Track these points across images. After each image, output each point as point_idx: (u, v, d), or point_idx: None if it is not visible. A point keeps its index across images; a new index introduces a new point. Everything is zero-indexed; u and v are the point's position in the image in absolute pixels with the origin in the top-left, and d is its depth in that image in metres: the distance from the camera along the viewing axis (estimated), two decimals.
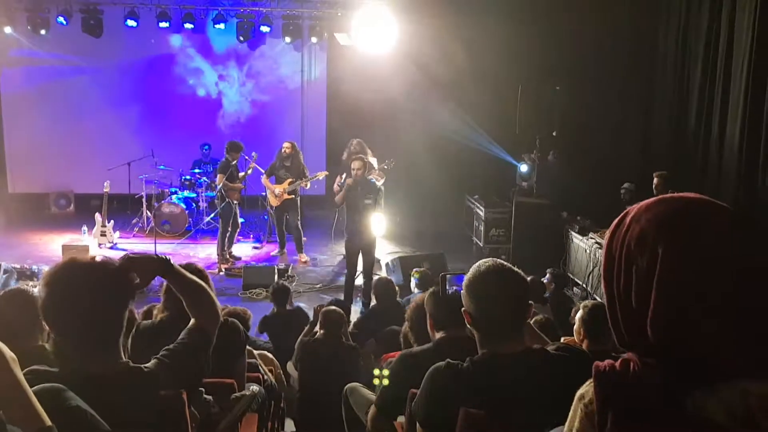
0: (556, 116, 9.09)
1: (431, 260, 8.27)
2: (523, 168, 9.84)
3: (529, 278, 2.42)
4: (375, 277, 7.32)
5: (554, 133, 9.25)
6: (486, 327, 2.16)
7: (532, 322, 4.02)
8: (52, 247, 9.76)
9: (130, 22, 10.53)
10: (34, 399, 1.46)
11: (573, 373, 2.17)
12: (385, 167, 9.33)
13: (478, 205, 10.21)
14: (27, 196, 11.96)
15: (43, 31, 10.62)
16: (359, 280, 7.89)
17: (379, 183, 9.41)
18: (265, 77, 12.29)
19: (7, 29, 10.72)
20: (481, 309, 2.14)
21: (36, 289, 3.64)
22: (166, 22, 10.56)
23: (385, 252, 9.87)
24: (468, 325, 2.21)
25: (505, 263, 2.24)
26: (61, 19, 10.39)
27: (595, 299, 7.22)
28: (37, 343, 3.02)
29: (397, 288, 6.11)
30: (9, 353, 1.40)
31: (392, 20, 10.06)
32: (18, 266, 8.45)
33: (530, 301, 2.24)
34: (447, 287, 2.59)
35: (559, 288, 7.06)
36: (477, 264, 2.21)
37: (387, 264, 8.85)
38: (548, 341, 2.48)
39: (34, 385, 1.65)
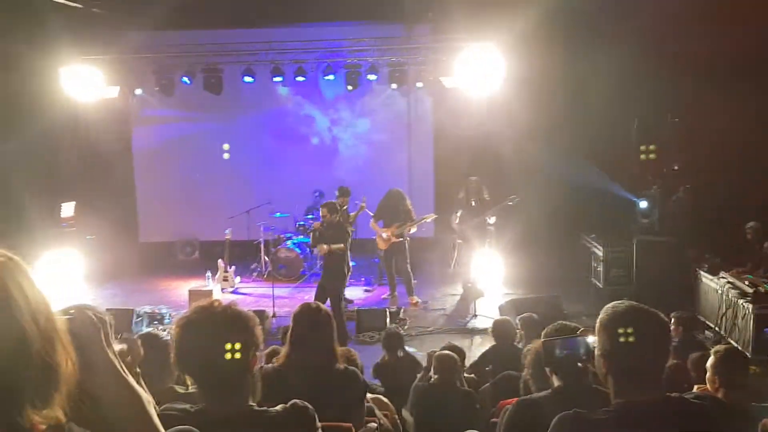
0: (677, 149, 8.63)
1: (546, 303, 7.99)
2: (643, 204, 9.36)
3: None
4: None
5: (675, 167, 8.79)
6: (624, 372, 2.02)
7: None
8: (179, 292, 10.32)
9: (247, 79, 11.15)
10: None
11: (715, 425, 2.01)
12: (510, 204, 9.23)
13: (596, 244, 9.81)
14: (156, 244, 12.78)
15: (169, 91, 11.45)
16: None
17: (492, 219, 9.33)
18: (380, 112, 12.57)
19: (138, 91, 11.69)
20: (620, 353, 2.01)
21: (166, 332, 3.83)
22: (279, 76, 11.11)
23: (500, 294, 9.67)
24: (601, 371, 2.08)
25: (642, 305, 2.10)
26: (185, 79, 11.17)
27: (728, 343, 6.68)
28: (168, 385, 3.16)
29: (517, 330, 5.93)
30: (145, 396, 1.45)
31: (498, 60, 10.03)
32: (149, 310, 9.00)
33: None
34: (557, 352, 2.44)
35: (688, 332, 6.58)
36: (611, 305, 2.09)
37: (500, 306, 8.63)
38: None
39: (168, 421, 1.70)
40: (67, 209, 11.24)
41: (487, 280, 9.80)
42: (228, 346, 1.65)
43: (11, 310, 1.16)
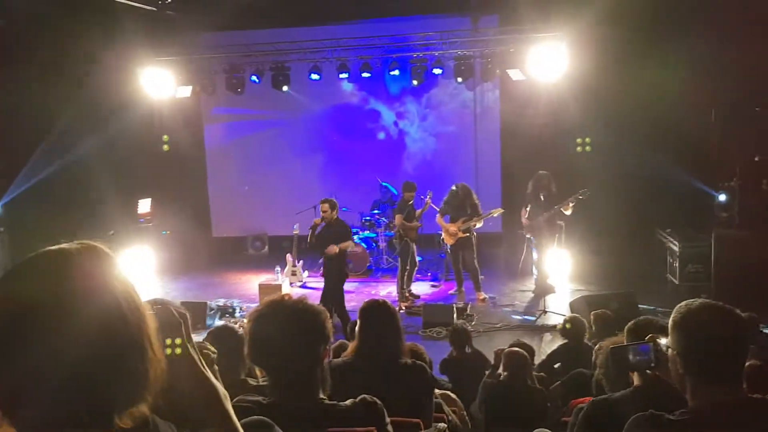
0: (759, 139, 8.20)
1: (620, 299, 7.74)
2: (722, 197, 8.95)
3: None
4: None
5: (756, 158, 8.37)
6: (701, 372, 1.95)
7: None
8: (249, 285, 10.57)
9: (314, 76, 11.28)
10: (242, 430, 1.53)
11: None
12: (580, 197, 9.03)
13: (672, 239, 9.45)
14: (227, 239, 13.15)
15: (239, 90, 11.71)
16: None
17: (568, 212, 9.13)
18: (446, 106, 12.51)
19: (209, 90, 11.99)
20: (696, 351, 1.94)
21: (238, 325, 3.93)
22: (345, 73, 11.19)
23: (570, 290, 9.46)
24: (677, 372, 2.01)
25: (716, 302, 2.02)
26: (254, 77, 11.41)
27: None
28: (240, 377, 3.24)
29: (587, 327, 5.79)
30: (222, 389, 1.49)
31: (567, 52, 9.78)
32: (221, 303, 9.26)
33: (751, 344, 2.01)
34: (630, 358, 2.36)
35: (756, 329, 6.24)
36: (684, 304, 2.02)
37: (571, 303, 8.44)
38: None
39: (240, 412, 1.74)
40: (144, 205, 11.69)
41: (557, 275, 9.61)
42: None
43: (103, 317, 1.12)
